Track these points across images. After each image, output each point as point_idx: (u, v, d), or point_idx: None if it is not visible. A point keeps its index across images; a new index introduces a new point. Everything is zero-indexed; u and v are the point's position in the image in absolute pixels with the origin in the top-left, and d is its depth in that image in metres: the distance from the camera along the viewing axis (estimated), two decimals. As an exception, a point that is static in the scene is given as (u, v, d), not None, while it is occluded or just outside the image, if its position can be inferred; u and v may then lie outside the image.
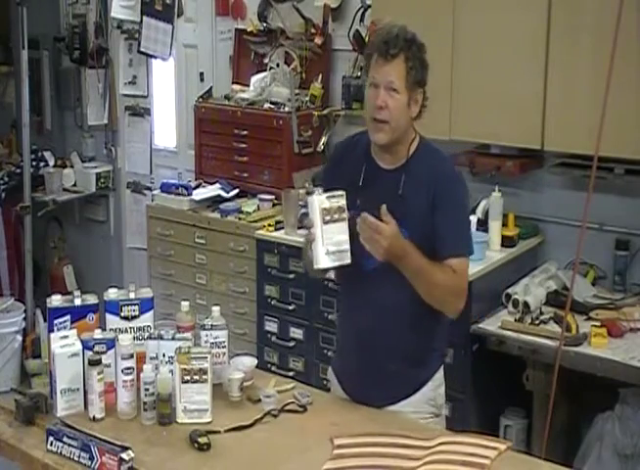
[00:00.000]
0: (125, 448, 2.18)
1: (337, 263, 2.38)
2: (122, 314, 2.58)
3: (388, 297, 2.48)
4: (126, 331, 2.57)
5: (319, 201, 2.35)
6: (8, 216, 5.40)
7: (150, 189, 5.25)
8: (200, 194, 4.41)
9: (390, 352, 2.54)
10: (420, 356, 2.57)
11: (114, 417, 2.45)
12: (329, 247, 2.35)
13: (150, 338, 2.53)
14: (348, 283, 2.57)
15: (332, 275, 2.79)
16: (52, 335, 2.50)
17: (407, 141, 2.50)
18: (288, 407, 2.50)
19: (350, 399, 2.62)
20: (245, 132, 4.41)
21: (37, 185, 5.28)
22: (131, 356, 2.46)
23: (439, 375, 2.63)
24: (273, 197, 4.27)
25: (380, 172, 2.52)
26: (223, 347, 2.61)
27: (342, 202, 2.36)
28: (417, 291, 2.42)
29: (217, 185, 4.46)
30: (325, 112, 4.34)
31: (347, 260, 2.37)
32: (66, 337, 2.47)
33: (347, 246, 2.36)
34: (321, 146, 4.35)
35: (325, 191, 2.39)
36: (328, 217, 2.35)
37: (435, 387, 2.61)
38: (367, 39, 4.09)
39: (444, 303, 2.49)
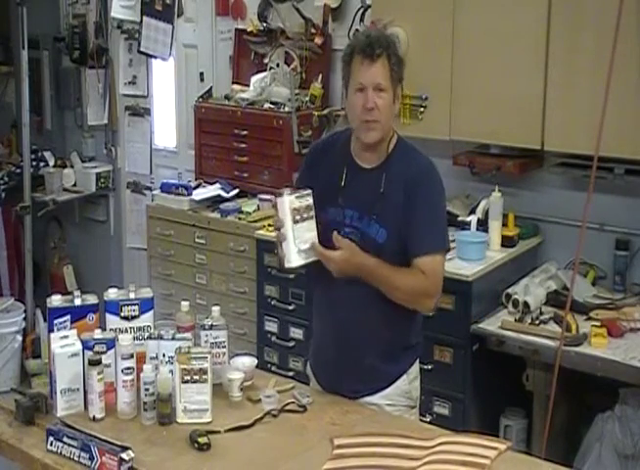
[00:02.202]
0: (125, 448, 2.18)
1: (308, 260, 2.46)
2: (122, 314, 2.58)
3: (362, 289, 2.50)
4: (126, 331, 2.56)
5: (289, 201, 2.42)
6: (8, 216, 5.40)
7: (150, 189, 5.25)
8: (200, 194, 4.41)
9: (365, 344, 2.57)
10: (394, 350, 2.60)
11: (113, 417, 2.45)
12: (300, 245, 2.43)
13: (150, 338, 2.53)
14: (323, 276, 2.58)
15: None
16: (52, 335, 2.50)
17: (388, 138, 2.55)
18: (288, 407, 2.50)
19: (326, 391, 2.65)
20: (245, 132, 4.41)
21: (37, 185, 5.29)
22: (131, 356, 2.46)
23: (415, 369, 2.67)
24: (273, 197, 4.26)
25: (361, 172, 2.56)
26: (223, 347, 2.61)
27: (310, 200, 2.45)
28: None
29: (217, 185, 4.46)
30: (325, 112, 4.34)
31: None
32: (66, 337, 2.47)
33: (316, 241, 2.45)
34: (321, 146, 4.35)
35: (294, 190, 2.46)
36: (298, 217, 2.43)
37: (411, 380, 2.65)
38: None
39: (412, 303, 2.55)
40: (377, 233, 2.50)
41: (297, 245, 2.42)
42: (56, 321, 2.53)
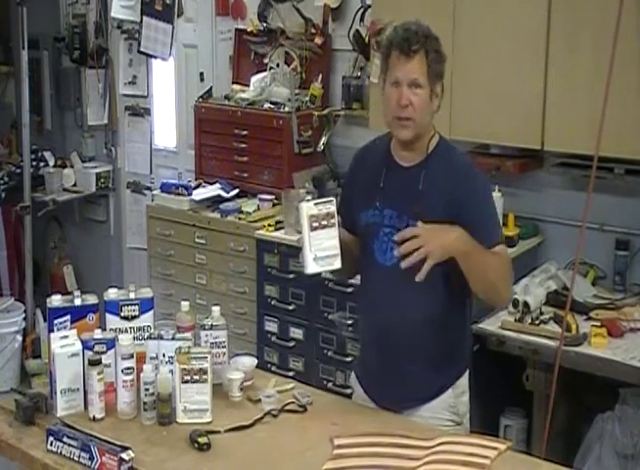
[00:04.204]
0: (125, 448, 2.18)
1: (326, 268, 2.42)
2: (122, 314, 2.58)
3: (409, 294, 2.45)
4: (126, 331, 2.56)
5: (307, 208, 2.38)
6: (8, 216, 5.41)
7: (150, 189, 5.25)
8: (200, 194, 4.41)
9: (409, 351, 2.50)
10: (440, 360, 2.53)
11: (113, 417, 2.45)
12: (317, 253, 2.39)
13: (150, 338, 2.53)
14: (368, 280, 2.57)
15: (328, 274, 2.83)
16: (52, 335, 2.50)
17: (427, 136, 2.50)
18: (288, 407, 2.50)
19: (372, 401, 2.60)
20: (245, 132, 4.41)
21: (37, 185, 5.28)
22: (131, 356, 2.46)
23: (463, 382, 2.60)
24: (273, 197, 4.27)
25: (399, 171, 2.52)
26: (223, 347, 2.61)
27: (332, 208, 2.40)
28: (470, 279, 2.40)
29: (217, 185, 4.46)
30: (325, 112, 4.34)
31: (337, 265, 2.41)
32: (66, 337, 2.47)
33: (337, 251, 2.40)
34: (321, 146, 4.36)
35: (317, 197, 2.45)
36: (316, 224, 2.38)
37: (457, 394, 2.58)
38: (367, 39, 4.09)
39: (497, 290, 2.47)
40: None
41: (314, 252, 2.38)
42: (56, 321, 2.53)
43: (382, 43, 2.52)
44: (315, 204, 2.39)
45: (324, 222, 2.39)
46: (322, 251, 2.39)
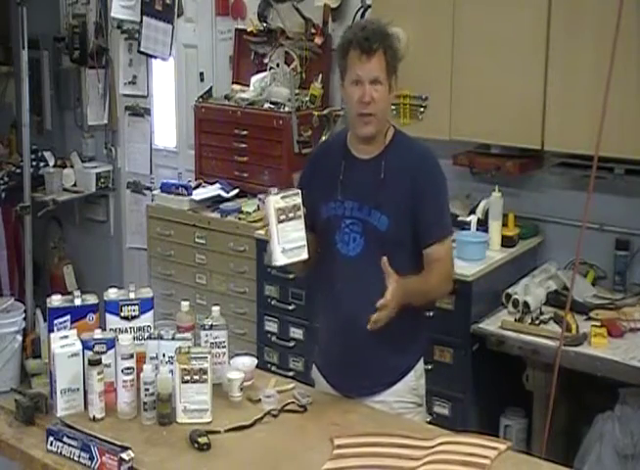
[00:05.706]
0: (125, 448, 2.19)
1: (293, 260, 2.46)
2: (122, 314, 2.58)
3: (373, 282, 2.49)
4: (126, 331, 2.57)
5: (274, 201, 2.43)
6: (8, 216, 5.40)
7: (150, 189, 5.25)
8: (200, 194, 4.41)
9: (375, 338, 2.53)
10: (402, 344, 2.61)
11: (113, 417, 2.45)
12: (284, 245, 2.44)
13: (150, 338, 2.53)
14: (331, 272, 2.60)
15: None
16: (52, 335, 2.50)
17: (385, 129, 2.57)
18: (288, 407, 2.51)
19: (335, 390, 2.65)
20: (245, 132, 4.41)
21: (37, 185, 5.29)
22: (131, 356, 2.46)
23: (420, 365, 2.68)
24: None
25: (358, 163, 2.58)
26: (223, 347, 2.62)
27: (298, 200, 2.45)
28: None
29: (217, 185, 4.46)
30: (325, 112, 4.33)
31: (304, 256, 2.46)
32: (66, 337, 2.47)
33: (304, 242, 2.45)
34: (321, 146, 4.36)
35: (282, 190, 2.47)
36: (283, 217, 2.43)
37: (417, 377, 2.66)
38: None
39: (438, 296, 2.79)
40: (378, 221, 2.50)
41: (282, 244, 2.43)
42: (56, 321, 2.53)
43: (340, 42, 2.57)
44: (282, 197, 2.43)
45: (291, 214, 2.44)
46: (289, 242, 2.44)
